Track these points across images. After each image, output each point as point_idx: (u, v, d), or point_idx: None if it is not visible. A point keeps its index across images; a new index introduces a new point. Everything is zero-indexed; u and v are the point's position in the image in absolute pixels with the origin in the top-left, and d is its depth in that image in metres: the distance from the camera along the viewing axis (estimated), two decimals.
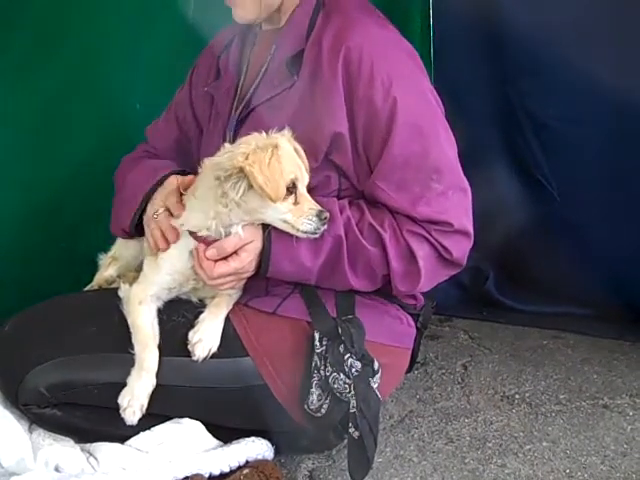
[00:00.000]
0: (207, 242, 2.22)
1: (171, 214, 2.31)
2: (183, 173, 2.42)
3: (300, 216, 2.16)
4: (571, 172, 3.41)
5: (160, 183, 2.39)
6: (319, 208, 2.17)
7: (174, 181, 2.38)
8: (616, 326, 3.36)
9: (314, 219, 2.16)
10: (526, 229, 3.50)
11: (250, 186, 2.12)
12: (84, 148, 3.06)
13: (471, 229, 2.31)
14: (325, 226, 2.17)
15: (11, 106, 2.90)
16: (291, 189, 2.16)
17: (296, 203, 2.17)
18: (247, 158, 2.10)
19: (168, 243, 2.29)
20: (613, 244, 3.33)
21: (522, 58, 3.41)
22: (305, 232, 2.17)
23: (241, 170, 2.11)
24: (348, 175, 2.33)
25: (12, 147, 2.92)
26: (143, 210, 2.40)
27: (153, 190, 2.38)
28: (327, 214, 2.17)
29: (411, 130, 2.25)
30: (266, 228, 2.22)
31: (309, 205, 2.17)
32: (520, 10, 3.37)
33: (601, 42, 3.22)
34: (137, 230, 2.43)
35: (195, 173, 2.34)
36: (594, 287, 3.34)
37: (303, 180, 2.19)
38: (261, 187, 2.09)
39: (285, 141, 2.20)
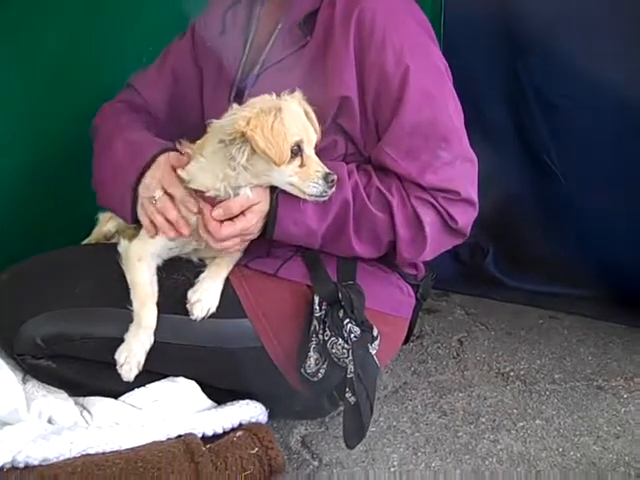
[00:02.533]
0: (211, 202, 2.19)
1: (170, 197, 2.23)
2: (168, 149, 2.31)
3: (306, 179, 2.13)
4: (577, 154, 3.39)
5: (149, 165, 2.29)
6: (326, 171, 2.13)
7: (165, 159, 2.28)
8: (613, 309, 3.35)
9: (320, 182, 2.12)
10: (528, 208, 3.52)
11: (254, 150, 2.09)
12: (87, 108, 3.02)
13: (476, 199, 2.29)
14: (333, 189, 2.14)
15: (10, 76, 2.87)
16: (296, 151, 2.12)
17: (302, 165, 2.13)
18: (249, 123, 2.07)
19: (174, 230, 2.23)
20: (615, 228, 3.33)
21: (533, 37, 3.37)
22: (311, 195, 2.14)
23: (243, 135, 2.08)
24: (355, 140, 2.31)
25: (10, 121, 2.88)
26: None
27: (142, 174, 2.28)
28: (334, 177, 2.13)
29: (422, 98, 2.23)
30: (274, 190, 2.20)
31: (316, 167, 2.14)
32: None
33: (613, 24, 3.20)
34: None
35: (194, 139, 2.30)
36: (593, 269, 3.33)
37: (310, 142, 2.16)
38: (264, 151, 2.06)
39: (294, 102, 2.17)
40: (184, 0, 2.97)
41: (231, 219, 2.18)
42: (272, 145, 2.06)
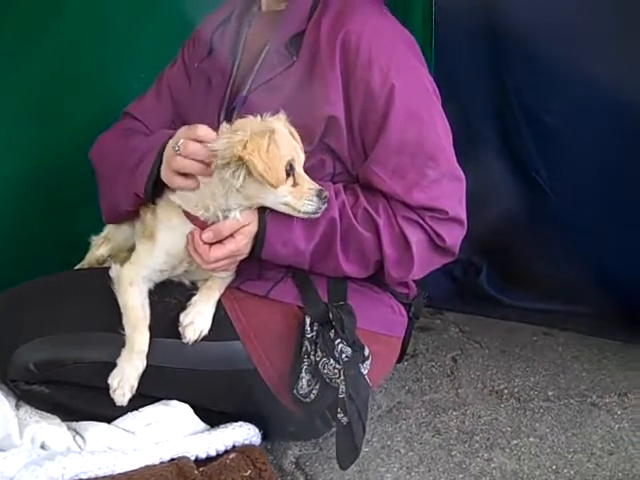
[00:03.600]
0: (203, 225, 2.21)
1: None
2: None
3: (300, 197, 2.14)
4: (565, 170, 3.41)
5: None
6: (318, 187, 2.15)
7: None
8: (607, 325, 3.36)
9: (314, 199, 2.14)
10: (520, 225, 3.50)
11: (249, 173, 2.10)
12: (82, 129, 3.02)
13: (465, 218, 2.30)
14: (325, 205, 2.16)
15: (9, 86, 2.88)
16: (289, 171, 2.14)
17: (295, 184, 2.15)
18: (245, 147, 2.08)
19: (205, 165, 2.15)
20: (607, 243, 3.33)
21: (521, 52, 3.39)
22: (307, 212, 2.16)
23: (240, 159, 2.08)
24: (342, 159, 2.32)
25: (9, 128, 2.91)
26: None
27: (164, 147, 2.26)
28: (327, 193, 2.16)
29: (408, 116, 2.25)
30: (263, 210, 2.21)
31: (308, 185, 2.16)
32: (521, 4, 3.36)
33: (599, 38, 3.21)
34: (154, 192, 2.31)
35: None
36: (586, 285, 3.32)
37: (300, 161, 2.18)
38: (262, 175, 2.07)
39: (280, 124, 2.18)
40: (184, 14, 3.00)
41: (220, 241, 2.19)
42: (269, 168, 2.08)
